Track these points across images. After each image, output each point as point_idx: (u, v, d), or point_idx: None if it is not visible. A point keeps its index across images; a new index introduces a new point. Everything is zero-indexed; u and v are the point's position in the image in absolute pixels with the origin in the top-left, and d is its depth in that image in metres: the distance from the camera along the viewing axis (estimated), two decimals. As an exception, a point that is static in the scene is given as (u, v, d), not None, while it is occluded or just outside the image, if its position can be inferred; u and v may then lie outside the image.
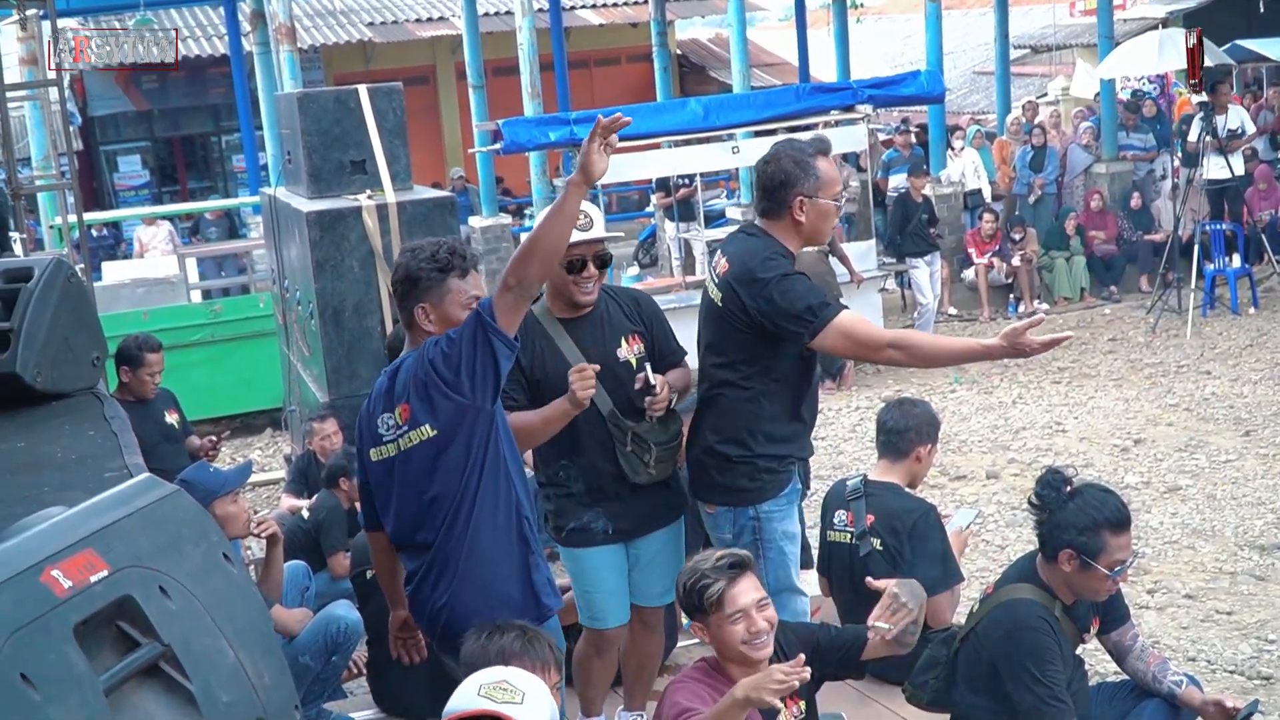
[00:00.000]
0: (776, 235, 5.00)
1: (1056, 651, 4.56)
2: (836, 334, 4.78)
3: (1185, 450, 10.94)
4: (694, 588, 4.20)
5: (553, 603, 4.52)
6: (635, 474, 5.11)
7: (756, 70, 24.36)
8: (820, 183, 4.95)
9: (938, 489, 10.26)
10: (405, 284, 4.42)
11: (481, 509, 4.33)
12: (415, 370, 4.30)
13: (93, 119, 26.93)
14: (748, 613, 4.16)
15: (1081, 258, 17.32)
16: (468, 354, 4.21)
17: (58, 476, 3.81)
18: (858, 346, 4.92)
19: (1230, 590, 8.26)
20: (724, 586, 4.16)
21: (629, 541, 5.25)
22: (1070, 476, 4.72)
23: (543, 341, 5.05)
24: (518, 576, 4.42)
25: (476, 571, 4.36)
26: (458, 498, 4.32)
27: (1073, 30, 28.15)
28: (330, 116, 9.30)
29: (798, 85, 17.76)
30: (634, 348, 5.16)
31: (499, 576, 4.39)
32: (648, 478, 5.15)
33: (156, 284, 15.68)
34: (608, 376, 5.01)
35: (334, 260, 8.92)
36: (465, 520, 4.33)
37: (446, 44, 27.38)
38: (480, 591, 4.36)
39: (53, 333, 4.55)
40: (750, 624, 4.15)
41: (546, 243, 4.20)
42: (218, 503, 5.70)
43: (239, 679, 2.53)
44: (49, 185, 15.29)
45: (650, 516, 5.26)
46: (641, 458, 5.10)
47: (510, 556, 4.40)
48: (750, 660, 4.18)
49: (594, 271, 5.05)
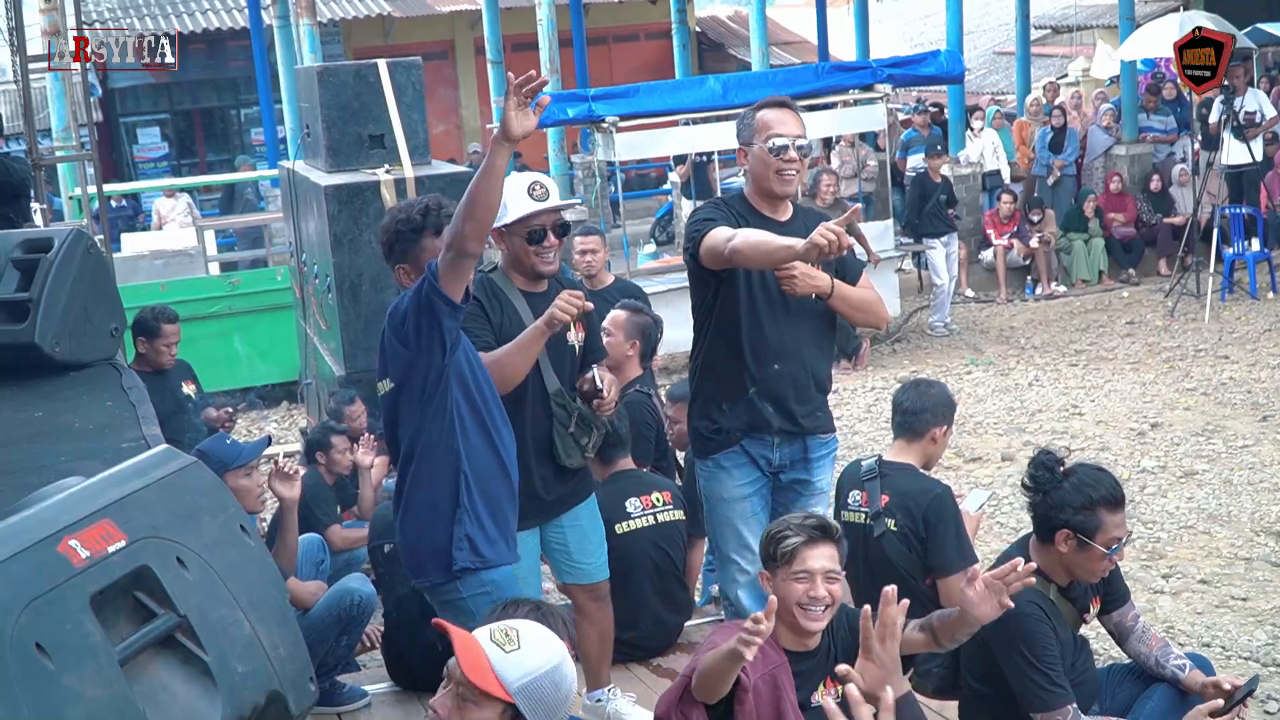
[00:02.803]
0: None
1: (1051, 636, 4.55)
2: (704, 247, 4.97)
3: (1202, 435, 10.91)
4: (775, 536, 4.24)
5: (466, 561, 4.62)
6: (569, 456, 5.18)
7: (775, 48, 24.31)
8: (753, 130, 5.11)
9: (952, 470, 10.24)
10: (385, 247, 4.77)
11: (425, 453, 4.58)
12: (384, 328, 4.57)
13: (113, 91, 26.94)
14: (813, 576, 4.16)
15: (1100, 240, 17.25)
16: (412, 311, 4.43)
17: (75, 446, 3.82)
18: (714, 254, 4.97)
19: (1245, 576, 8.23)
20: (800, 543, 4.18)
21: (547, 523, 5.30)
22: (1063, 457, 4.74)
23: (509, 307, 5.11)
24: (445, 525, 4.60)
25: (416, 510, 4.64)
26: (409, 440, 4.61)
27: (1094, 11, 28.02)
28: (349, 90, 9.30)
29: (817, 64, 17.73)
30: (579, 335, 5.28)
31: (431, 521, 4.62)
32: (580, 461, 5.26)
33: (175, 256, 15.71)
34: (557, 357, 5.16)
35: (352, 234, 8.93)
36: (411, 461, 4.62)
37: (466, 19, 27.34)
38: (416, 529, 4.66)
39: (72, 303, 4.58)
40: (812, 588, 4.15)
41: (480, 200, 4.26)
42: (229, 475, 5.71)
43: (254, 650, 2.54)
44: (69, 156, 15.29)
45: (569, 495, 5.32)
46: (580, 440, 5.19)
47: (441, 503, 4.61)
48: (800, 627, 4.18)
49: (554, 241, 5.09)
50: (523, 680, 3.16)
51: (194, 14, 26.39)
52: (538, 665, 3.19)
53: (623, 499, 6.32)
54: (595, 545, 5.46)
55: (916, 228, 15.77)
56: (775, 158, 5.05)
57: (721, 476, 5.29)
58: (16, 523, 2.33)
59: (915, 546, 5.56)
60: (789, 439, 5.22)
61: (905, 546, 5.56)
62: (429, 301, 4.36)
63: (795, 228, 5.04)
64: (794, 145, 5.04)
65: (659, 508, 6.43)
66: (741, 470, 5.27)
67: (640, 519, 6.35)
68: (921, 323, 15.75)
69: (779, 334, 5.12)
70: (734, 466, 5.27)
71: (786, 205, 5.24)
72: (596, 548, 5.47)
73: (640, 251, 16.76)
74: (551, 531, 5.34)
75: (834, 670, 4.35)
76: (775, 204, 5.18)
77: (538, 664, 3.19)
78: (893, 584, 4.10)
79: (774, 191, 5.13)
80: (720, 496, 5.31)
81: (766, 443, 5.21)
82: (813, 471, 5.30)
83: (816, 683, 4.32)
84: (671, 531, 6.47)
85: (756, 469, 5.26)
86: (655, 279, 13.20)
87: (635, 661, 6.28)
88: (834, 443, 5.44)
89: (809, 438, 5.25)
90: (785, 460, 5.25)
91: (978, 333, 15.41)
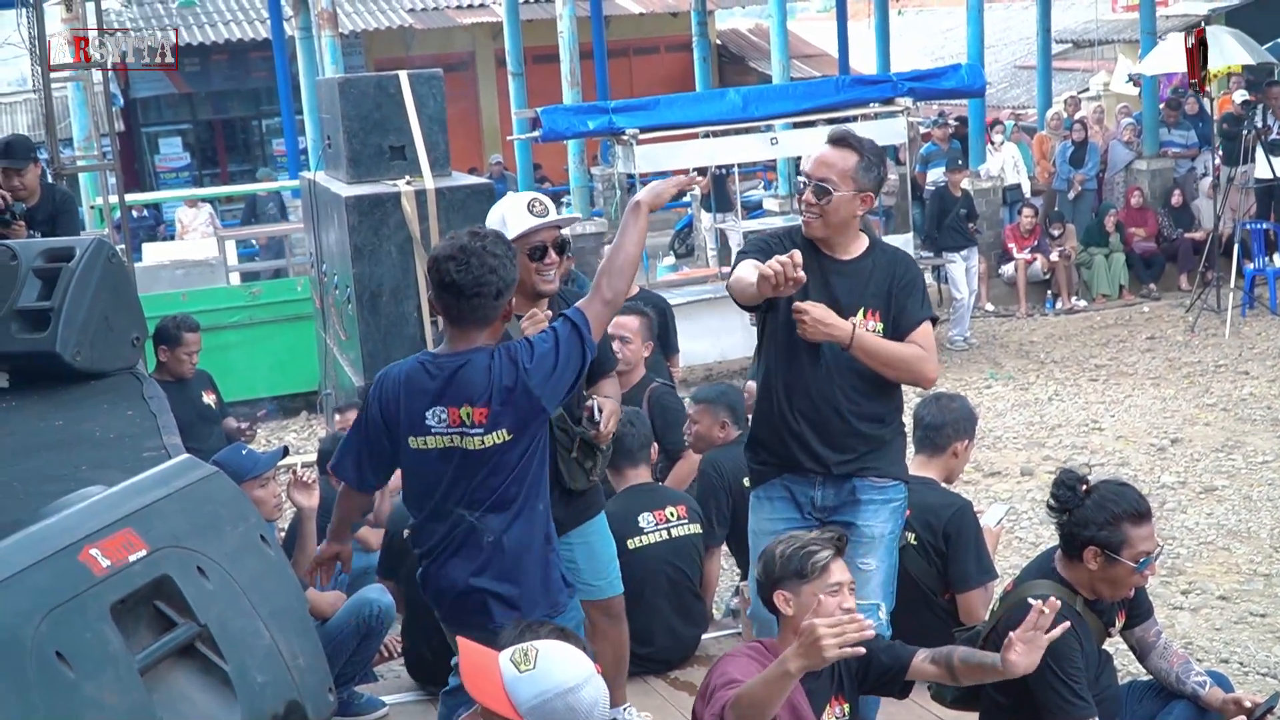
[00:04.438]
0: None
1: (1076, 648, 4.54)
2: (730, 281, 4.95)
3: (1222, 450, 10.87)
4: (797, 553, 4.20)
5: (563, 599, 4.60)
6: (574, 480, 5.11)
7: (796, 61, 24.29)
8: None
9: (972, 485, 10.22)
10: (512, 280, 4.37)
11: (528, 500, 4.43)
12: (500, 378, 4.29)
13: (134, 101, 27.04)
14: (844, 588, 4.16)
15: (1121, 255, 17.20)
16: (564, 362, 4.31)
17: (95, 455, 3.83)
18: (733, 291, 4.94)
19: (1264, 592, 8.21)
20: (830, 556, 4.18)
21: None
22: (1084, 475, 4.72)
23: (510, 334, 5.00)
24: (540, 566, 4.52)
25: (516, 556, 4.45)
26: (514, 489, 4.41)
27: (1115, 26, 27.97)
28: (371, 102, 9.34)
29: (837, 77, 17.69)
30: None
31: (526, 564, 4.48)
32: (585, 484, 5.18)
33: (196, 266, 15.76)
34: None
35: (372, 245, 8.96)
36: (516, 510, 4.42)
37: (487, 30, 27.38)
38: (508, 576, 4.46)
39: (93, 312, 4.58)
40: (844, 600, 4.14)
41: (636, 258, 4.52)
42: (245, 485, 5.71)
43: (274, 660, 2.54)
44: (91, 166, 15.38)
45: (573, 516, 5.21)
46: (583, 464, 5.12)
47: (537, 546, 4.50)
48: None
49: (555, 258, 5.03)
50: (534, 701, 3.15)
51: (216, 25, 26.48)
52: (551, 686, 3.17)
53: (635, 514, 6.25)
54: (606, 562, 5.40)
55: (936, 241, 15.76)
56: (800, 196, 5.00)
57: (760, 508, 5.17)
58: (38, 531, 2.34)
59: (935, 561, 5.56)
60: (834, 480, 5.00)
61: (925, 560, 5.56)
62: (581, 355, 4.32)
63: (864, 265, 4.97)
64: (811, 186, 4.90)
65: (673, 522, 6.37)
66: (778, 505, 5.10)
67: (653, 534, 6.29)
68: (941, 337, 15.72)
69: (808, 376, 4.96)
70: (772, 500, 5.13)
71: (852, 243, 5.03)
72: (608, 564, 5.40)
73: (659, 264, 16.79)
74: (560, 550, 5.30)
75: (839, 689, 4.35)
76: (830, 244, 4.99)
77: (552, 684, 3.18)
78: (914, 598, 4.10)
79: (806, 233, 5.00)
80: (754, 528, 5.18)
81: (810, 481, 5.02)
82: (860, 515, 4.98)
83: (823, 703, 4.31)
84: (686, 546, 6.40)
85: (795, 508, 5.06)
86: (674, 290, 13.22)
87: (652, 674, 6.27)
88: (895, 489, 5.07)
89: (856, 479, 4.99)
90: (831, 501, 5.02)
91: (997, 347, 15.38)
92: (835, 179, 4.88)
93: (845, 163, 4.89)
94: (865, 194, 4.93)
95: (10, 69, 23.13)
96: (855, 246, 5.01)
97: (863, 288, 4.93)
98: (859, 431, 4.97)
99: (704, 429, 6.89)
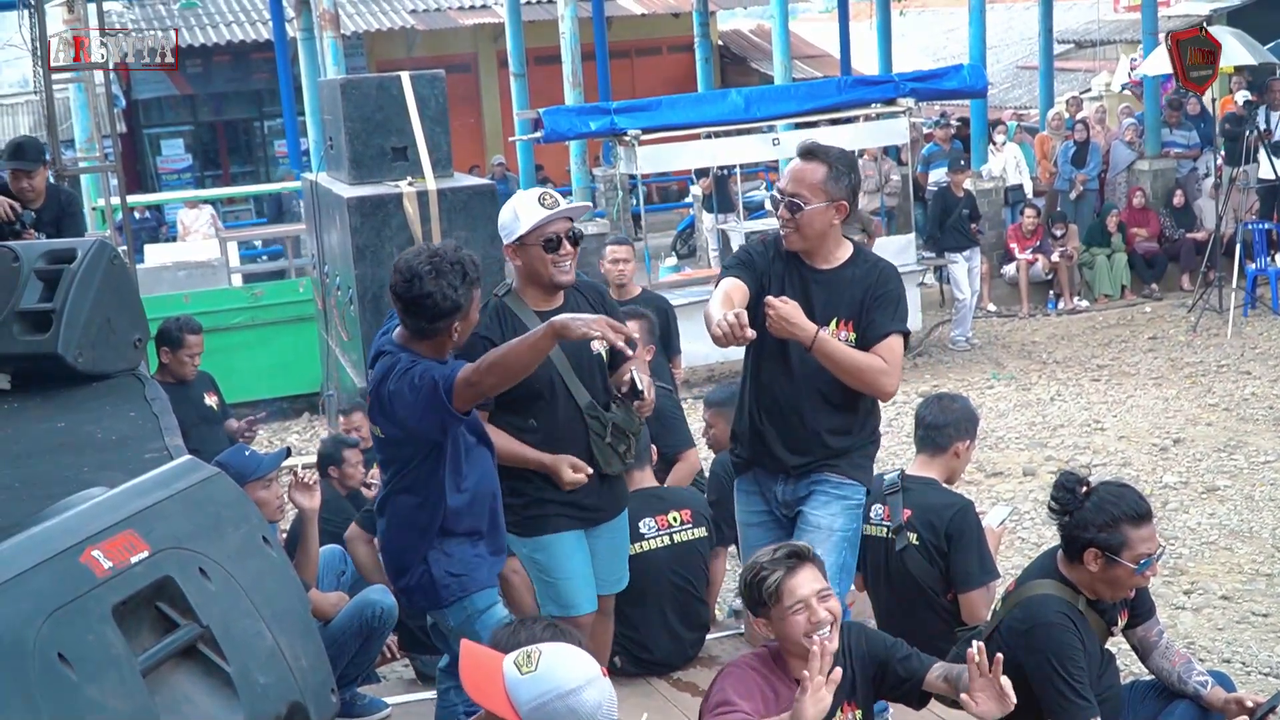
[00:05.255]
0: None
1: (1079, 647, 4.55)
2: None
3: (1224, 450, 10.87)
4: (754, 581, 4.18)
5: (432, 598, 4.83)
6: (609, 464, 5.22)
7: (798, 62, 24.28)
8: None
9: (974, 485, 10.21)
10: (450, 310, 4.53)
11: (403, 496, 4.78)
12: (381, 387, 4.59)
13: (136, 102, 27.05)
14: (808, 603, 4.11)
15: (1123, 255, 17.20)
16: (418, 418, 4.52)
17: (98, 457, 3.83)
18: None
19: (1267, 592, 8.20)
20: (782, 577, 4.13)
21: (590, 529, 5.32)
22: (1085, 477, 4.73)
23: (521, 329, 4.96)
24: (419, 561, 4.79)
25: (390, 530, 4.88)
26: (392, 479, 4.82)
27: (1117, 26, 27.98)
28: (373, 103, 9.32)
29: (839, 78, 17.69)
30: (603, 342, 5.05)
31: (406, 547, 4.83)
32: (620, 468, 5.31)
33: (198, 267, 15.77)
34: (583, 367, 5.16)
35: (374, 246, 8.95)
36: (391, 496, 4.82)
37: (489, 32, 27.38)
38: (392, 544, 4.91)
39: (94, 314, 4.58)
40: (811, 614, 4.09)
41: (514, 367, 4.47)
42: (248, 487, 5.70)
43: (276, 661, 2.54)
44: (93, 168, 15.37)
45: (613, 502, 5.38)
46: (617, 448, 5.21)
47: (415, 537, 4.78)
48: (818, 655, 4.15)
49: (569, 249, 5.10)
50: (535, 702, 3.15)
51: (218, 26, 26.49)
52: (552, 688, 3.16)
53: (636, 519, 6.14)
54: (620, 560, 5.53)
55: (938, 242, 15.75)
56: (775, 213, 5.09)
57: (740, 500, 5.41)
58: (39, 533, 2.34)
59: (937, 561, 5.56)
60: (794, 478, 5.16)
61: (927, 561, 5.56)
62: (440, 421, 4.51)
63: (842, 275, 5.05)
64: (784, 202, 4.99)
65: (675, 527, 6.32)
66: (749, 498, 5.34)
67: (654, 540, 6.24)
68: (943, 337, 15.72)
69: (778, 382, 5.10)
70: (745, 493, 5.36)
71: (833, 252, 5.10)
72: (621, 563, 5.53)
73: (661, 265, 16.77)
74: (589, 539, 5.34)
75: (851, 694, 4.34)
76: (810, 253, 5.08)
77: (552, 686, 3.17)
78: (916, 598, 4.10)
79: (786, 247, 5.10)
80: (738, 519, 5.45)
81: (774, 477, 5.21)
82: (810, 504, 5.11)
83: (835, 709, 4.30)
84: (689, 552, 6.34)
85: (764, 502, 5.27)
86: (676, 291, 13.20)
87: (655, 675, 6.26)
88: (853, 489, 5.16)
89: (815, 474, 5.11)
90: (790, 497, 5.18)
91: (999, 347, 15.37)
92: (805, 193, 4.97)
93: (814, 175, 4.97)
94: (838, 203, 4.99)
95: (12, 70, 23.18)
96: (837, 255, 5.10)
97: (838, 298, 5.03)
98: (822, 441, 5.10)
99: (720, 432, 6.93)
